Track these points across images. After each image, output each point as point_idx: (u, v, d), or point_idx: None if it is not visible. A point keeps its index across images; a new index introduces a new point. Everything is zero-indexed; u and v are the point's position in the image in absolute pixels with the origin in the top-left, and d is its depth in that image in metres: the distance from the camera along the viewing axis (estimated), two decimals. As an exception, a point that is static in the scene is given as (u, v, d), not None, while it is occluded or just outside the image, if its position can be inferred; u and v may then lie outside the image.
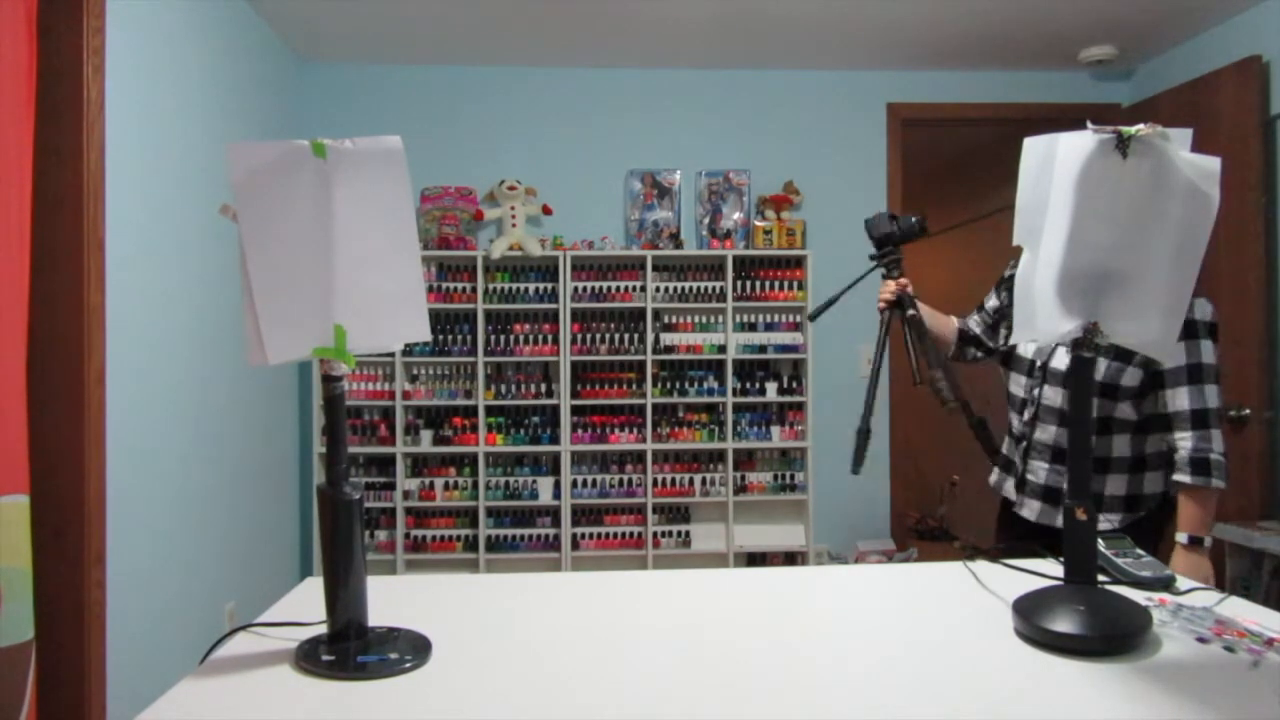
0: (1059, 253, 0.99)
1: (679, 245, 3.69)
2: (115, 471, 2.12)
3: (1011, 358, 1.91)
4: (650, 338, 3.57)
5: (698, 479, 3.62)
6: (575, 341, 3.56)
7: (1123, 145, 0.94)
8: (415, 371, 3.57)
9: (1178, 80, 3.47)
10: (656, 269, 3.63)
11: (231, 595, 2.88)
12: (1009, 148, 1.36)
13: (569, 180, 3.78)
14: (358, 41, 3.49)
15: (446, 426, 3.55)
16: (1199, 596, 1.21)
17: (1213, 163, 0.98)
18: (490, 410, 3.56)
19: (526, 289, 3.59)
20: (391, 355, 3.50)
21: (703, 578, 1.36)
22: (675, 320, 3.65)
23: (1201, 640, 1.02)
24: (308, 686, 0.91)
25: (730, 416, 3.59)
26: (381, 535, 3.54)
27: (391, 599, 1.19)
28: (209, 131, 2.74)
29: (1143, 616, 1.02)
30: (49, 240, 1.93)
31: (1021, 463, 1.88)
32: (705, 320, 3.65)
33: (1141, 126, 0.94)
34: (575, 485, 3.58)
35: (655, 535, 3.58)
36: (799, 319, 3.66)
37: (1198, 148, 0.97)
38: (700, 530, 3.65)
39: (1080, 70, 3.87)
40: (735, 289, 3.61)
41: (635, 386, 3.59)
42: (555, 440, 3.57)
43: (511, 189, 3.62)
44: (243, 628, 1.08)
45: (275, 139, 1.52)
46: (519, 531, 3.57)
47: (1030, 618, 1.02)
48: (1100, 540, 1.28)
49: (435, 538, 3.56)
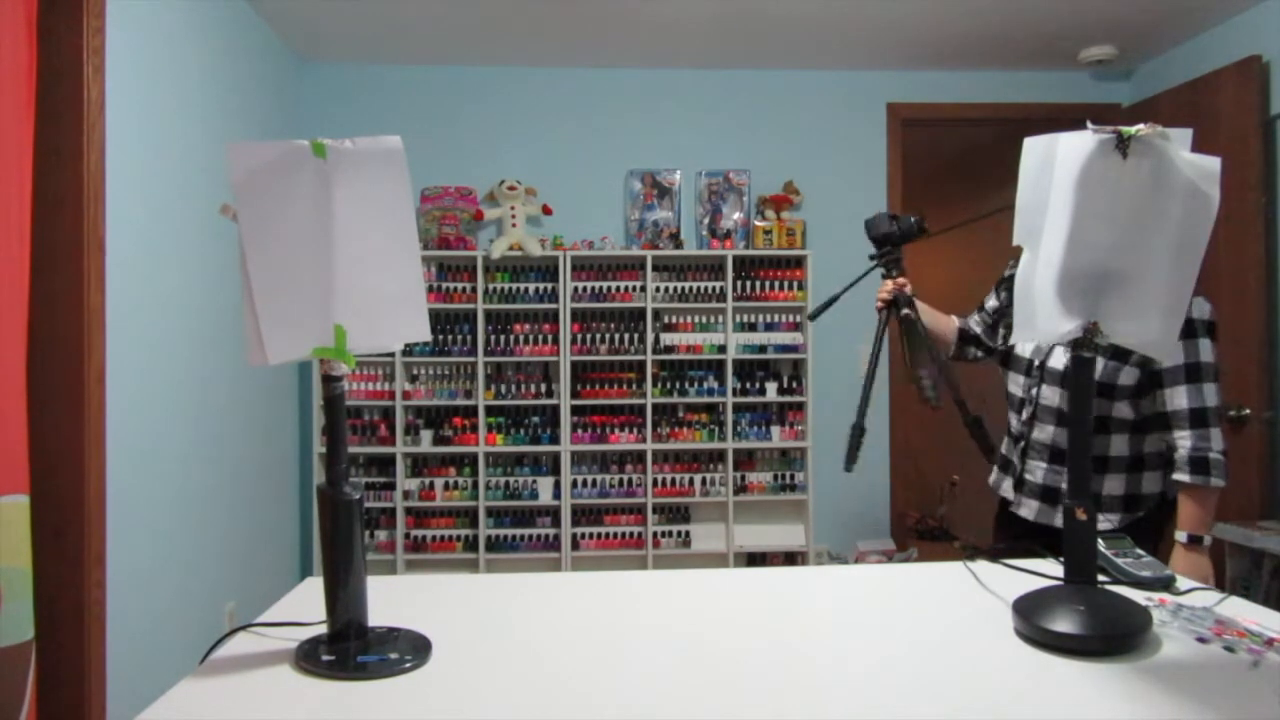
0: (1059, 253, 0.99)
1: (679, 245, 3.69)
2: (115, 471, 2.12)
3: (1010, 357, 1.91)
4: (650, 338, 3.57)
5: (698, 479, 3.62)
6: (575, 341, 3.56)
7: (1123, 145, 0.94)
8: (415, 371, 3.57)
9: (1178, 80, 3.47)
10: (656, 269, 3.63)
11: (231, 595, 2.88)
12: (1009, 148, 1.36)
13: (569, 180, 3.78)
14: (358, 41, 3.49)
15: (446, 426, 3.55)
16: (1199, 596, 1.21)
17: (1213, 163, 0.98)
18: (490, 410, 3.56)
19: (526, 289, 3.59)
20: (391, 355, 3.50)
21: (703, 578, 1.35)
22: (675, 320, 3.65)
23: (1201, 640, 1.02)
24: (308, 686, 0.91)
25: (730, 416, 3.59)
26: (381, 535, 3.54)
27: (391, 599, 1.19)
28: (209, 131, 2.74)
29: (1143, 616, 1.02)
30: (49, 240, 1.93)
31: (1020, 462, 1.88)
32: (705, 320, 3.65)
33: (1141, 126, 0.94)
34: (575, 485, 3.58)
35: (655, 535, 3.58)
36: (799, 319, 3.66)
37: (1198, 148, 0.97)
38: (700, 530, 3.65)
39: (1080, 70, 3.87)
40: (735, 289, 3.61)
41: (635, 386, 3.59)
42: (555, 440, 3.57)
43: (511, 189, 3.62)
44: (243, 628, 1.08)
45: (275, 139, 1.52)
46: (519, 531, 3.57)
47: (1030, 618, 1.02)
48: (1100, 540, 1.28)
49: (435, 538, 3.56)
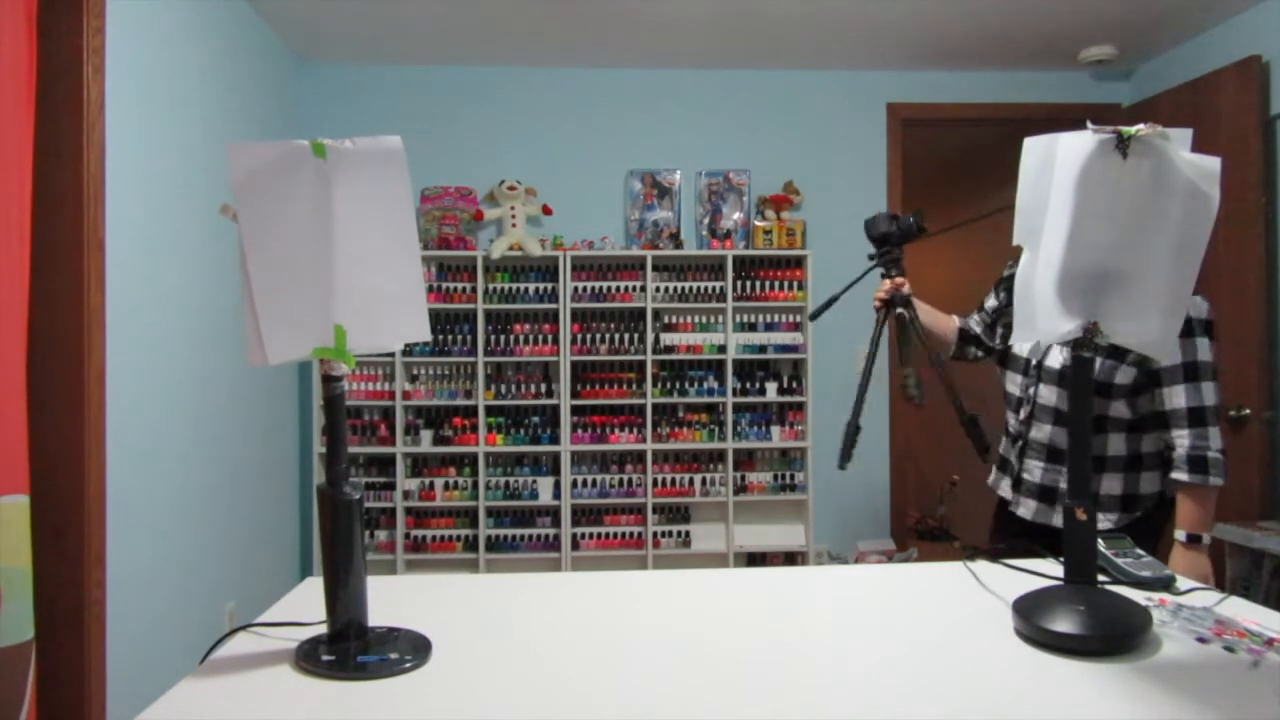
0: (1059, 253, 0.99)
1: (679, 245, 3.69)
2: (115, 471, 2.12)
3: (1007, 357, 1.91)
4: (650, 338, 3.57)
5: (698, 479, 3.62)
6: (575, 341, 3.56)
7: (1123, 145, 0.94)
8: (415, 371, 3.57)
9: (1178, 80, 3.47)
10: (656, 269, 3.63)
11: (231, 595, 2.88)
12: (1009, 148, 1.36)
13: (569, 180, 3.78)
14: (358, 41, 3.49)
15: (446, 426, 3.55)
16: (1199, 596, 1.21)
17: (1213, 163, 0.98)
18: (490, 410, 3.56)
19: (526, 289, 3.59)
20: (391, 355, 3.50)
21: (703, 578, 1.35)
22: (675, 320, 3.65)
23: (1201, 640, 1.02)
24: (308, 686, 0.91)
25: (730, 416, 3.59)
26: (381, 535, 3.54)
27: (391, 599, 1.19)
28: (209, 131, 2.74)
29: (1143, 616, 1.02)
30: (49, 240, 1.93)
31: (1018, 462, 1.88)
32: (705, 320, 3.65)
33: (1141, 126, 0.94)
34: (575, 485, 3.58)
35: (655, 535, 3.58)
36: (799, 319, 3.66)
37: (1198, 148, 0.97)
38: (700, 530, 3.65)
39: (1080, 70, 3.87)
40: (735, 289, 3.61)
41: (635, 386, 3.59)
42: (555, 440, 3.57)
43: (511, 189, 3.62)
44: (243, 628, 1.08)
45: (275, 139, 1.52)
46: (519, 531, 3.57)
47: (1030, 618, 1.02)
48: (1100, 540, 1.28)
49: (435, 538, 3.56)
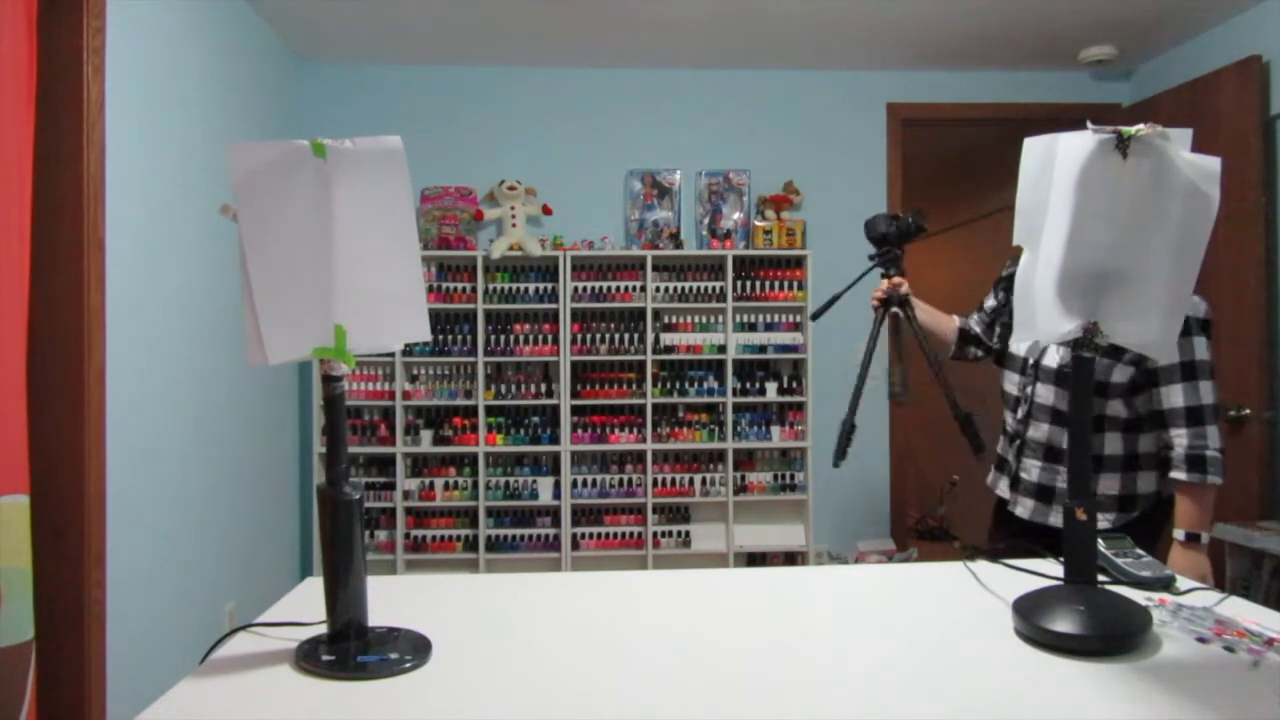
0: (1059, 253, 0.99)
1: (679, 245, 3.69)
2: (115, 471, 2.12)
3: (1005, 356, 1.91)
4: (650, 338, 3.57)
5: (698, 479, 3.62)
6: (575, 341, 3.56)
7: (1123, 145, 0.94)
8: (415, 371, 3.57)
9: (1178, 80, 3.47)
10: (656, 269, 3.63)
11: (231, 595, 2.88)
12: (1009, 148, 1.36)
13: (569, 180, 3.78)
14: (358, 41, 3.49)
15: (446, 426, 3.55)
16: (1199, 596, 1.21)
17: (1213, 163, 0.98)
18: (490, 410, 3.56)
19: (526, 289, 3.59)
20: (391, 355, 3.50)
21: (703, 578, 1.35)
22: (675, 320, 3.65)
23: (1201, 640, 1.02)
24: (308, 686, 0.91)
25: (730, 416, 3.59)
26: (381, 535, 3.54)
27: (391, 599, 1.19)
28: (209, 131, 2.74)
29: (1143, 616, 1.02)
30: (49, 240, 1.93)
31: (1015, 461, 1.88)
32: (705, 320, 3.65)
33: (1141, 126, 0.94)
34: (575, 485, 3.58)
35: (655, 535, 3.58)
36: (799, 319, 3.66)
37: (1198, 148, 0.97)
38: (700, 530, 3.65)
39: (1080, 70, 3.87)
40: (735, 289, 3.61)
41: (635, 386, 3.59)
42: (555, 440, 3.57)
43: (511, 189, 3.62)
44: (243, 628, 1.08)
45: (275, 139, 1.52)
46: (519, 531, 3.57)
47: (1030, 618, 1.02)
48: (1100, 540, 1.28)
49: (435, 538, 3.56)
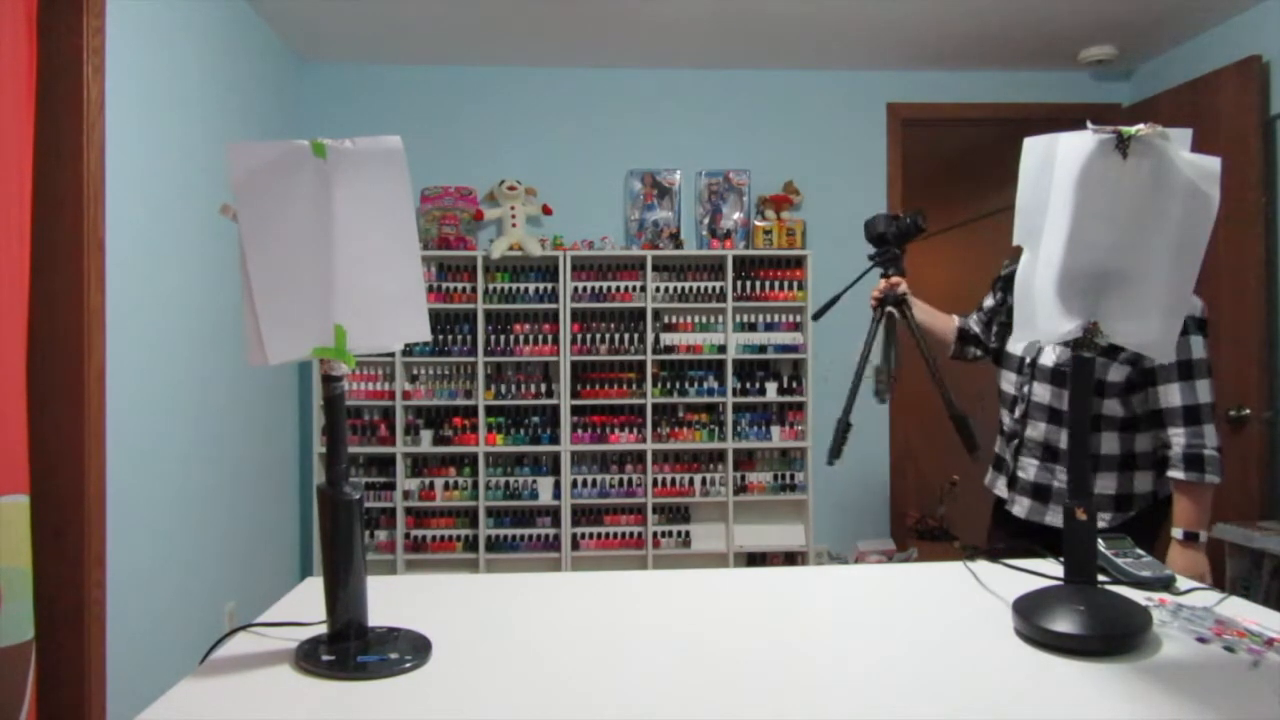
0: (1059, 253, 0.99)
1: (679, 245, 3.69)
2: (115, 471, 2.12)
3: (1002, 355, 1.92)
4: (650, 338, 3.56)
5: (698, 479, 3.62)
6: (575, 341, 3.56)
7: (1123, 145, 0.94)
8: (415, 371, 3.57)
9: (1178, 80, 3.47)
10: (656, 269, 3.63)
11: (231, 595, 2.88)
12: (1009, 148, 1.36)
13: (569, 180, 3.78)
14: (358, 41, 3.49)
15: (446, 426, 3.55)
16: (1199, 596, 1.21)
17: (1213, 163, 0.98)
18: (490, 410, 3.56)
19: (526, 289, 3.59)
20: (391, 355, 3.50)
21: (703, 578, 1.35)
22: (675, 320, 3.65)
23: (1201, 640, 1.02)
24: (308, 686, 0.91)
25: (730, 416, 3.59)
26: (381, 535, 3.54)
27: (391, 599, 1.19)
28: (209, 131, 2.74)
29: (1143, 616, 1.02)
30: (49, 240, 1.93)
31: (1013, 460, 1.88)
32: (705, 320, 3.65)
33: (1141, 126, 0.94)
34: (575, 485, 3.58)
35: (655, 535, 3.58)
36: (799, 319, 3.66)
37: (1198, 148, 0.97)
38: (700, 530, 3.65)
39: (1080, 70, 3.86)
40: (735, 289, 3.61)
41: (635, 386, 3.59)
42: (555, 440, 3.57)
43: (511, 189, 3.62)
44: (243, 628, 1.08)
45: (275, 139, 1.52)
46: (519, 531, 3.57)
47: (1030, 618, 1.02)
48: (1100, 540, 1.28)
49: (435, 538, 3.56)
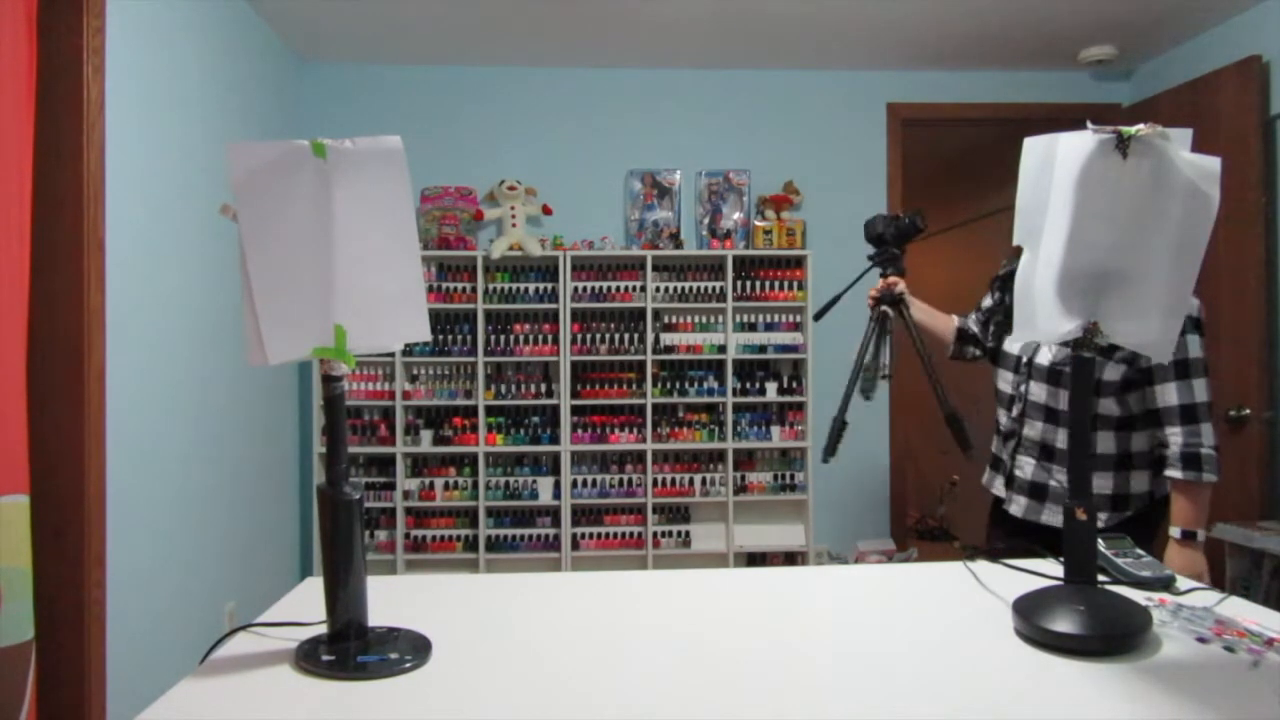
0: (1059, 253, 0.99)
1: (679, 245, 3.69)
2: (115, 471, 2.12)
3: (999, 354, 1.92)
4: (650, 338, 3.56)
5: (698, 479, 3.62)
6: (575, 341, 3.56)
7: (1123, 145, 0.94)
8: (415, 371, 3.57)
9: (1178, 80, 3.47)
10: (656, 269, 3.63)
11: (231, 595, 2.88)
12: (1009, 148, 1.36)
13: (569, 180, 3.78)
14: (358, 41, 3.49)
15: (446, 426, 3.55)
16: (1199, 596, 1.21)
17: (1213, 163, 0.98)
18: (490, 410, 3.56)
19: (526, 289, 3.59)
20: (391, 355, 3.50)
21: (703, 578, 1.35)
22: (675, 320, 3.65)
23: (1201, 640, 1.02)
24: (308, 686, 0.91)
25: (730, 416, 3.59)
26: (381, 535, 3.54)
27: (391, 599, 1.19)
28: (209, 131, 2.74)
29: (1143, 616, 1.02)
30: (49, 240, 1.93)
31: (1010, 459, 1.88)
32: (705, 320, 3.65)
33: (1141, 126, 0.94)
34: (575, 485, 3.58)
35: (655, 535, 3.58)
36: (799, 319, 3.66)
37: (1198, 148, 0.97)
38: (700, 530, 3.65)
39: (1080, 70, 3.86)
40: (735, 289, 3.61)
41: (635, 386, 3.59)
42: (555, 440, 3.57)
43: (511, 189, 3.62)
44: (243, 628, 1.08)
45: (275, 139, 1.52)
46: (519, 531, 3.57)
47: (1030, 618, 1.02)
48: (1100, 540, 1.28)
49: (435, 538, 3.56)
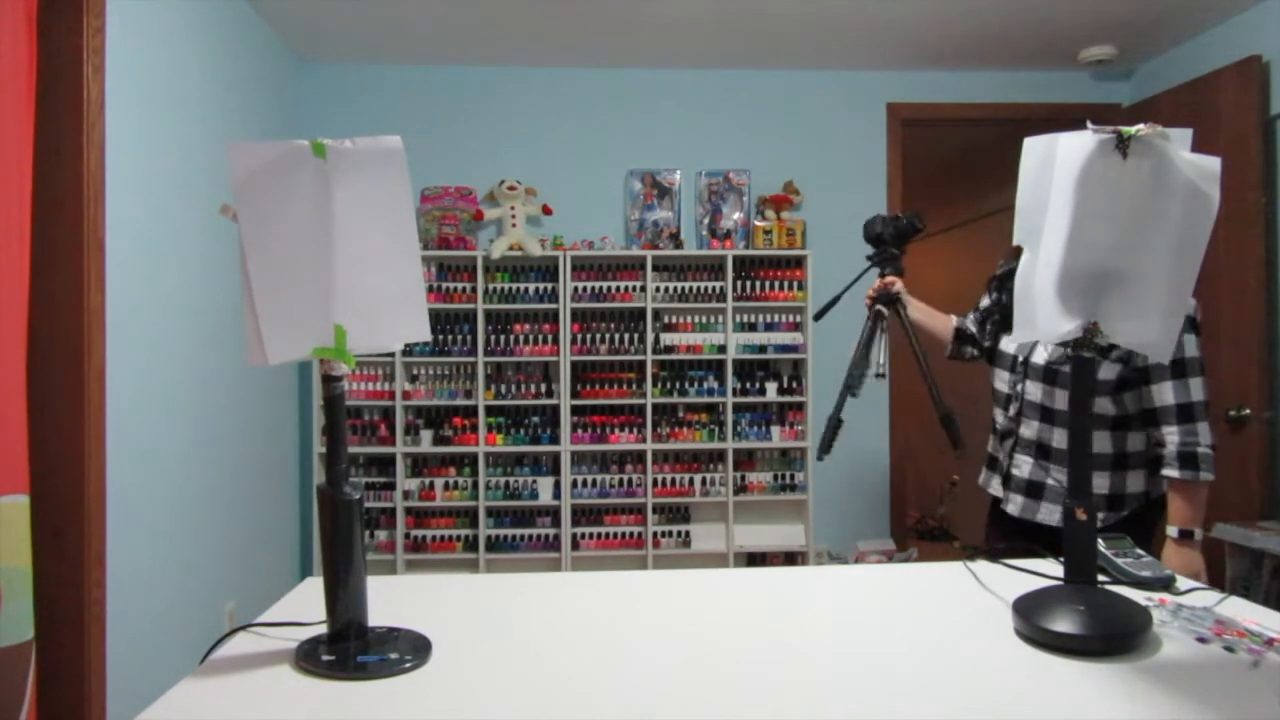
0: (1059, 253, 0.99)
1: (679, 245, 3.69)
2: (115, 471, 2.12)
3: (995, 354, 1.92)
4: (650, 338, 3.56)
5: (698, 479, 3.62)
6: (575, 341, 3.56)
7: (1123, 145, 0.94)
8: (415, 371, 3.57)
9: (1178, 80, 3.47)
10: (656, 269, 3.63)
11: (231, 595, 2.88)
12: (1009, 148, 1.36)
13: (569, 180, 3.78)
14: (358, 41, 3.49)
15: (446, 426, 3.55)
16: (1199, 596, 1.21)
17: (1213, 163, 0.98)
18: (490, 410, 3.56)
19: (526, 289, 3.59)
20: (391, 355, 3.50)
21: (703, 578, 1.35)
22: (675, 320, 3.65)
23: (1201, 640, 1.02)
24: (308, 686, 0.91)
25: (730, 416, 3.59)
26: (381, 535, 3.54)
27: (391, 599, 1.19)
28: (209, 131, 2.74)
29: (1143, 616, 1.02)
30: (49, 240, 1.93)
31: (1007, 459, 1.88)
32: (705, 320, 3.65)
33: (1141, 126, 0.94)
34: (575, 485, 3.58)
35: (655, 535, 3.58)
36: (799, 319, 3.66)
37: (1198, 148, 0.97)
38: (700, 530, 3.65)
39: (1080, 70, 3.86)
40: (735, 289, 3.61)
41: (635, 386, 3.59)
42: (555, 440, 3.57)
43: (511, 189, 3.62)
44: (243, 628, 1.08)
45: (275, 139, 1.52)
46: (519, 531, 3.57)
47: (1030, 618, 1.02)
48: (1100, 540, 1.28)
49: (435, 538, 3.56)
